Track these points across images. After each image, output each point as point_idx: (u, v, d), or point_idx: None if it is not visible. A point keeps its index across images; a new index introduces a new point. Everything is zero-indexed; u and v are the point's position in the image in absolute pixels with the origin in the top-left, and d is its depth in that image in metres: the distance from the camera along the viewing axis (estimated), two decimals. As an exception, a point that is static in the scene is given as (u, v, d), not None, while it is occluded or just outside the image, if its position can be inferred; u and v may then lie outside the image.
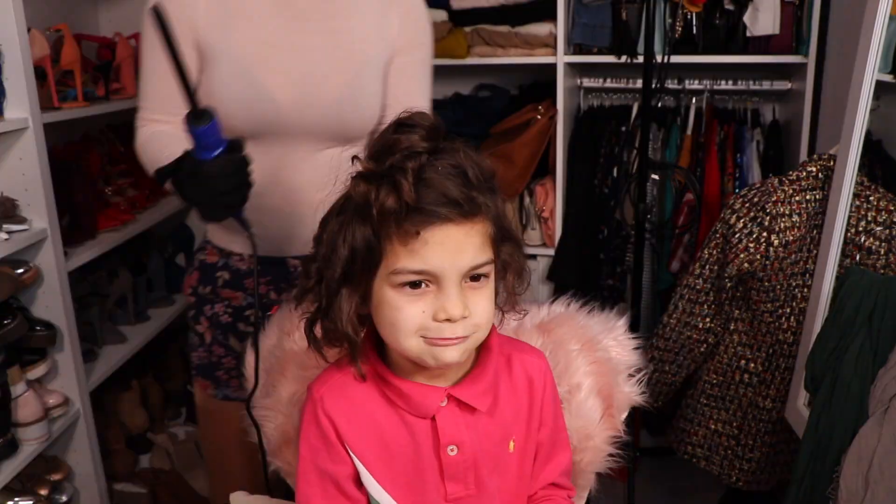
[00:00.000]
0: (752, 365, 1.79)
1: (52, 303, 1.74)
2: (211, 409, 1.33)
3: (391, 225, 0.73)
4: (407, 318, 0.76)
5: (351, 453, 0.82)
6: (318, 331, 0.82)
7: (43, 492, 1.75)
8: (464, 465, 0.83)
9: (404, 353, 0.79)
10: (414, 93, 1.23)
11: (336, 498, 0.84)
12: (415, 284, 0.75)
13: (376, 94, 1.19)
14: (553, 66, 2.24)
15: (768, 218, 1.64)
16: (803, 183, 1.65)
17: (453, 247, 0.74)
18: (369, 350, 0.84)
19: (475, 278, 0.77)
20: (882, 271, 1.57)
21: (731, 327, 1.81)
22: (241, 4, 1.13)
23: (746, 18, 2.11)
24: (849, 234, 1.58)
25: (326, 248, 0.78)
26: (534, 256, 2.42)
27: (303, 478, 0.85)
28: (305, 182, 1.16)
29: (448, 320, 0.75)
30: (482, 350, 0.85)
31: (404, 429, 0.83)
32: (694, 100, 2.31)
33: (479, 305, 0.78)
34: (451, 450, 0.82)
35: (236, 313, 1.28)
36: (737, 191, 2.16)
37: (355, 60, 1.17)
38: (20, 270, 1.67)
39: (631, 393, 1.06)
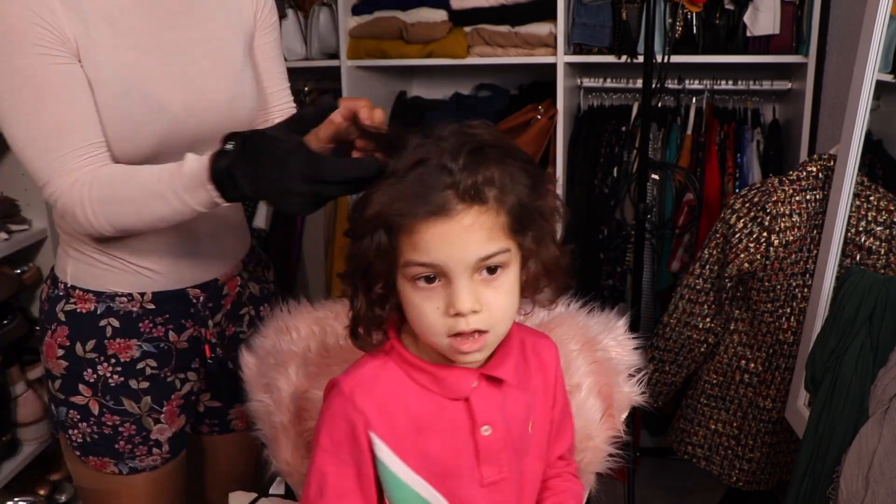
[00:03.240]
0: (752, 365, 1.79)
1: (51, 303, 1.74)
2: (112, 489, 1.13)
3: (399, 221, 0.73)
4: (425, 314, 0.75)
5: (381, 442, 0.80)
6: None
7: (43, 492, 1.75)
8: (497, 445, 0.82)
9: (432, 345, 0.78)
10: (279, 77, 1.18)
11: (349, 477, 0.81)
12: (429, 279, 0.74)
13: (253, 81, 1.11)
14: (553, 66, 2.23)
15: (768, 218, 1.64)
16: (803, 183, 1.65)
17: (454, 238, 0.72)
18: (397, 342, 0.83)
19: (491, 270, 0.75)
20: (882, 271, 1.57)
21: (732, 327, 1.81)
22: (97, 6, 0.95)
23: (746, 18, 2.11)
24: (849, 234, 1.58)
25: (354, 258, 0.77)
26: (534, 256, 2.41)
27: (319, 459, 0.82)
28: None
29: (459, 314, 0.74)
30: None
31: (439, 413, 0.81)
32: (694, 100, 2.31)
33: (495, 299, 0.75)
34: (486, 430, 0.82)
35: (127, 370, 1.08)
36: (737, 191, 2.15)
37: (231, 50, 1.08)
38: (20, 270, 1.67)
39: (631, 393, 1.06)
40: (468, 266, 0.73)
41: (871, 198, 1.58)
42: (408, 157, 0.73)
